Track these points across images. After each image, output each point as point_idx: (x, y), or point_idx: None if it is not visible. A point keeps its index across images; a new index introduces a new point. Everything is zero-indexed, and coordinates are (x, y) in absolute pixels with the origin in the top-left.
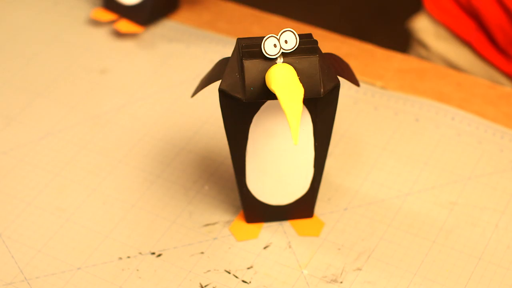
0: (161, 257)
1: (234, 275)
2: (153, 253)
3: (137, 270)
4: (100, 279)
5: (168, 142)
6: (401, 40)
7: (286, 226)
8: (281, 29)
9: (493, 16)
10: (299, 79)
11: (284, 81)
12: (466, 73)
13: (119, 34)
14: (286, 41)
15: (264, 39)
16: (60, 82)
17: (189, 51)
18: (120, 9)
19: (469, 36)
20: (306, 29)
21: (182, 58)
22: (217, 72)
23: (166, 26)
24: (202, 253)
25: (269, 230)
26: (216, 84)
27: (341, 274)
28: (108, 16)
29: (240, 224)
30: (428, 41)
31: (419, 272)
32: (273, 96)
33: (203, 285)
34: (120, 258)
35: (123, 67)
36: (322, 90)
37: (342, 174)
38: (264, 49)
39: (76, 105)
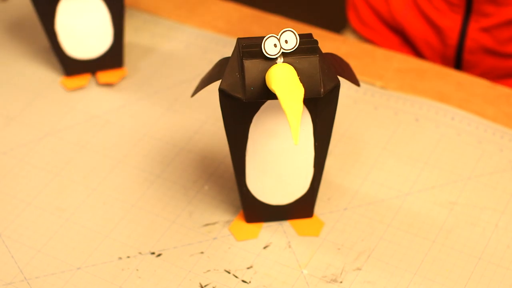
0: (161, 257)
1: (234, 275)
2: (153, 253)
3: (137, 270)
4: (100, 279)
5: (168, 142)
6: None
7: (286, 226)
8: (281, 29)
9: (419, 30)
10: (299, 79)
11: (284, 81)
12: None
13: None
14: (286, 41)
15: (264, 39)
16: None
17: (189, 51)
18: (89, 66)
19: (395, 51)
20: (306, 29)
21: (182, 58)
22: (217, 72)
23: (166, 26)
24: (202, 253)
25: (269, 230)
26: (216, 84)
27: (341, 274)
28: (78, 82)
29: (240, 224)
30: None
31: (419, 272)
32: (273, 96)
33: (203, 285)
34: (120, 258)
35: None
36: (322, 90)
37: (342, 174)
38: (264, 49)
39: (76, 105)
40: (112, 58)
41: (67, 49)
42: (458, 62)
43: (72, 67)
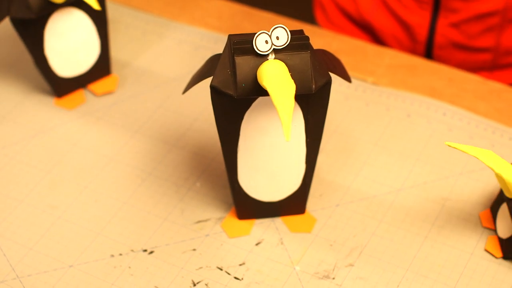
0: (153, 254)
1: (226, 272)
2: (145, 250)
3: (129, 267)
4: (92, 276)
5: (160, 139)
6: None
7: (278, 222)
8: (272, 25)
9: (387, 28)
10: (291, 75)
11: (276, 78)
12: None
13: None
14: (277, 37)
15: (256, 35)
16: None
17: (180, 48)
18: (80, 81)
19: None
20: (298, 25)
21: (173, 55)
22: (209, 68)
23: (157, 23)
24: (194, 250)
25: (261, 227)
26: (208, 81)
27: (333, 270)
28: (74, 101)
29: (232, 220)
30: None
31: (411, 268)
32: (264, 93)
33: (195, 282)
34: (112, 256)
35: None
36: (313, 86)
37: (333, 170)
38: (256, 46)
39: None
40: (101, 68)
41: (58, 70)
42: (428, 57)
43: (63, 86)
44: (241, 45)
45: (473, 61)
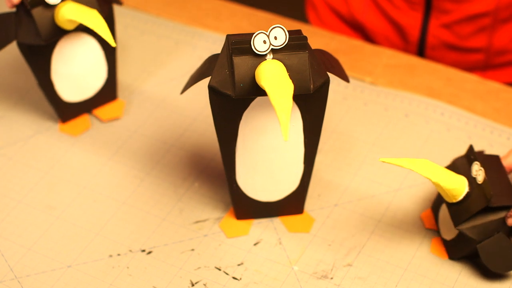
0: (151, 254)
1: (225, 272)
2: (144, 251)
3: (128, 267)
4: (91, 276)
5: (158, 139)
6: None
7: (277, 222)
8: (270, 25)
9: (379, 28)
10: (289, 75)
11: (274, 78)
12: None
13: None
14: (275, 38)
15: (254, 35)
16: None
17: (178, 48)
18: (85, 106)
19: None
20: (296, 25)
21: (171, 55)
22: (207, 68)
23: (155, 23)
24: (193, 250)
25: (259, 227)
26: (206, 81)
27: (332, 270)
28: (80, 127)
29: (231, 220)
30: None
31: (409, 267)
32: (263, 93)
33: (194, 282)
34: (111, 256)
35: None
36: (311, 86)
37: (332, 170)
38: (254, 46)
39: None
40: (107, 93)
41: (63, 95)
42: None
43: (69, 111)
44: (239, 45)
45: (465, 61)
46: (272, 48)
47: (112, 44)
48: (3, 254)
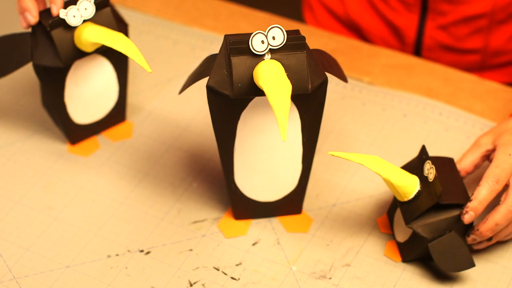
0: (149, 254)
1: (223, 272)
2: (142, 251)
3: (126, 267)
4: (89, 277)
5: (156, 140)
6: None
7: (275, 222)
8: (268, 25)
9: (376, 29)
10: (287, 75)
11: (272, 78)
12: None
13: None
14: (273, 37)
15: (252, 35)
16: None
17: (176, 48)
18: (95, 128)
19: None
20: (294, 25)
21: (169, 55)
22: (205, 68)
23: (153, 23)
24: (191, 250)
25: (257, 227)
26: (204, 81)
27: (330, 270)
28: (89, 148)
29: (229, 221)
30: None
31: (408, 267)
32: (261, 93)
33: (192, 282)
34: (109, 256)
35: None
36: (310, 86)
37: (330, 170)
38: (252, 46)
39: None
40: (117, 115)
41: (75, 117)
42: None
43: (78, 133)
44: (237, 45)
45: (462, 62)
46: (270, 48)
47: (148, 70)
48: (1, 254)
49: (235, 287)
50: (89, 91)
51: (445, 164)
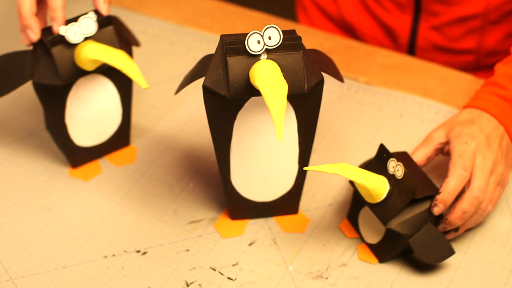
0: (146, 255)
1: (220, 272)
2: (138, 251)
3: (122, 268)
4: (86, 277)
5: (153, 140)
6: None
7: (271, 222)
8: (265, 25)
9: (369, 30)
10: (283, 75)
11: (268, 78)
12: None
13: None
14: (269, 38)
15: (248, 35)
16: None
17: (172, 48)
18: (98, 151)
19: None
20: (290, 25)
21: (165, 55)
22: (201, 69)
23: (150, 24)
24: (187, 250)
25: (254, 227)
26: (200, 81)
27: (327, 270)
28: (93, 171)
29: (225, 221)
30: None
31: (404, 267)
32: (257, 93)
33: (189, 282)
34: (105, 257)
35: None
36: (306, 86)
37: None
38: (248, 46)
39: None
40: (120, 138)
41: (76, 139)
42: None
43: (80, 156)
44: (233, 45)
45: (456, 63)
46: (266, 48)
47: (144, 85)
48: None
49: (232, 287)
50: (91, 112)
51: (403, 159)
